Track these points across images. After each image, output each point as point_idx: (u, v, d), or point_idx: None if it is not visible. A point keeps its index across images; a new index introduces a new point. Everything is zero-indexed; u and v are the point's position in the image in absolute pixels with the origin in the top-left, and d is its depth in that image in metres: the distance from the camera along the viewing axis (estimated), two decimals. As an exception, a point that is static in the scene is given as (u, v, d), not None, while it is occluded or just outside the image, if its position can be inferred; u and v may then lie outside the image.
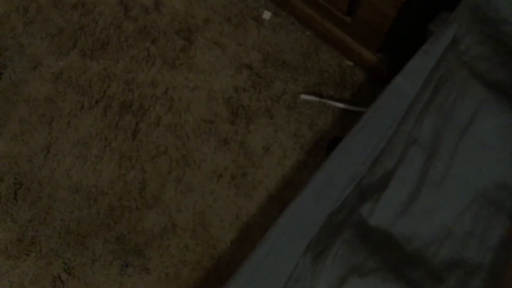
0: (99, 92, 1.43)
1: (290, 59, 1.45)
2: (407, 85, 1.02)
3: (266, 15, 1.48)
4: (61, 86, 1.44)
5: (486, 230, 0.92)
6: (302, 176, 1.38)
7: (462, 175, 0.95)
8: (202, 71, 1.44)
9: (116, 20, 1.48)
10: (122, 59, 1.45)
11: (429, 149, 0.97)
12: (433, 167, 0.96)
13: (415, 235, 0.92)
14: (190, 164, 1.38)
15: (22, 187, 1.37)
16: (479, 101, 0.97)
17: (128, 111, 1.42)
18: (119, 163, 1.39)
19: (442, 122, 0.98)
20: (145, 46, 1.46)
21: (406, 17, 1.25)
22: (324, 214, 0.95)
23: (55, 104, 1.43)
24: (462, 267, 0.90)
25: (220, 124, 1.41)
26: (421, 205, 0.94)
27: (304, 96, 1.42)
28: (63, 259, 1.33)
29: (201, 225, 1.35)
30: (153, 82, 1.44)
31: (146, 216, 1.35)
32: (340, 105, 1.41)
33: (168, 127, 1.41)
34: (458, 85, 1.00)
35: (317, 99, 1.41)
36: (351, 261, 0.89)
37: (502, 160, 0.95)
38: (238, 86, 1.43)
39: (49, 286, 1.32)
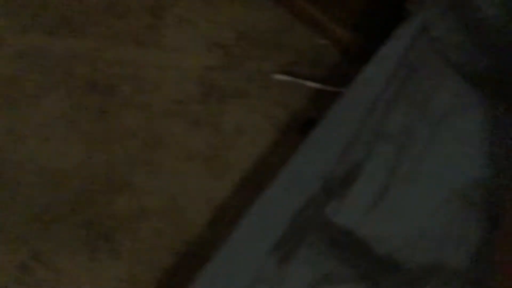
0: (64, 71, 1.38)
1: (264, 38, 1.42)
2: (377, 74, 0.98)
3: (238, -9, 1.45)
4: (24, 65, 1.38)
5: (463, 232, 0.88)
6: (276, 157, 1.36)
7: (436, 172, 0.90)
8: (172, 50, 1.41)
9: (80, -4, 1.43)
10: (88, 37, 1.40)
11: (400, 143, 0.92)
12: (404, 162, 0.91)
13: (385, 236, 0.87)
14: (161, 146, 1.35)
15: (-16, 171, 1.32)
16: (455, 93, 0.94)
17: (95, 91, 1.37)
18: (85, 145, 1.34)
19: (414, 114, 0.94)
20: (111, 23, 1.41)
21: (382, -6, 1.22)
22: (291, 212, 0.90)
23: (18, 84, 1.37)
24: (439, 273, 0.86)
25: (191, 105, 1.37)
26: (391, 203, 0.89)
27: (277, 76, 1.40)
28: (30, 246, 1.29)
29: (173, 209, 1.32)
30: (121, 61, 1.39)
31: (115, 200, 1.32)
32: (315, 84, 1.39)
33: (137, 107, 1.37)
34: (433, 75, 0.96)
35: (291, 78, 1.39)
36: (319, 268, 0.84)
37: (480, 157, 0.91)
38: (210, 65, 1.40)
39: (17, 273, 1.28)
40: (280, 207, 0.91)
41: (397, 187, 0.91)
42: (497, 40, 0.97)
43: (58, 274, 1.28)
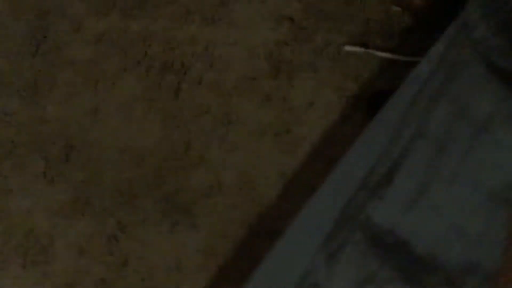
0: (140, 52, 1.43)
1: (333, 8, 1.39)
2: (421, 72, 0.96)
3: (307, -39, 1.41)
4: (103, 47, 1.45)
5: (500, 233, 0.86)
6: (347, 130, 1.35)
7: (476, 174, 0.88)
8: (242, 26, 1.41)
9: (153, -24, 1.46)
10: (161, 17, 1.44)
11: (440, 143, 0.90)
12: (444, 162, 0.89)
13: (423, 234, 0.87)
14: (233, 122, 1.38)
15: (73, 149, 1.41)
16: (497, 102, 0.89)
17: (170, 70, 1.41)
18: (163, 123, 1.40)
19: (456, 116, 0.91)
20: (183, 2, 1.43)
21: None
22: (338, 210, 0.91)
23: (99, 66, 1.44)
24: (477, 272, 0.85)
25: (262, 80, 1.38)
26: (429, 202, 0.88)
27: (348, 47, 1.37)
28: (116, 218, 1.38)
29: (247, 183, 1.36)
30: (193, 39, 1.42)
31: (192, 175, 1.37)
32: (387, 55, 1.35)
33: (209, 85, 1.40)
34: (474, 79, 0.92)
35: (362, 49, 1.36)
36: (365, 268, 0.85)
37: None
38: (279, 39, 1.39)
39: (105, 244, 1.37)
40: (332, 203, 0.92)
41: (435, 187, 0.89)
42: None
43: (143, 244, 1.37)
